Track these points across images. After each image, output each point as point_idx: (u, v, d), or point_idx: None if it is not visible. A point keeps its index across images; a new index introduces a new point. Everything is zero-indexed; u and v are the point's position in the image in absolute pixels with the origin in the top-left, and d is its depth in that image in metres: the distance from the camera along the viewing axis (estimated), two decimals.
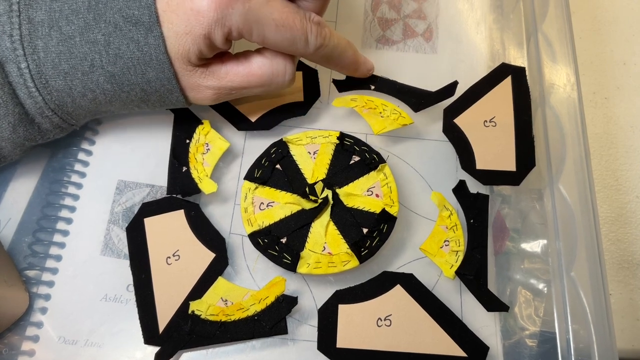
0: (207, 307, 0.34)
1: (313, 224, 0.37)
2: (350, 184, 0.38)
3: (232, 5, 0.31)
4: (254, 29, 0.32)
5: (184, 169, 0.38)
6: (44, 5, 0.31)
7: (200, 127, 0.39)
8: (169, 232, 0.37)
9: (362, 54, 0.40)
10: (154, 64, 0.32)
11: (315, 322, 0.35)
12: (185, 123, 0.40)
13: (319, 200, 0.37)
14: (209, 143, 0.39)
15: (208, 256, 0.36)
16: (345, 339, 0.34)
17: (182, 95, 0.34)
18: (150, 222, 0.37)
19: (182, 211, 0.37)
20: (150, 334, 0.34)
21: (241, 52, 0.35)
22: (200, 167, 0.38)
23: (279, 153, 0.39)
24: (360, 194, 0.37)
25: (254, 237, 0.36)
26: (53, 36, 0.31)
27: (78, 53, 0.31)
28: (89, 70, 0.32)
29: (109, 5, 0.31)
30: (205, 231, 0.37)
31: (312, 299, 0.36)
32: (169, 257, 0.36)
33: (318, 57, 0.36)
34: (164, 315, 0.34)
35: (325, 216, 0.37)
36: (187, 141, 0.39)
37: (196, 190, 0.37)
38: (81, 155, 0.40)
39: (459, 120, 0.40)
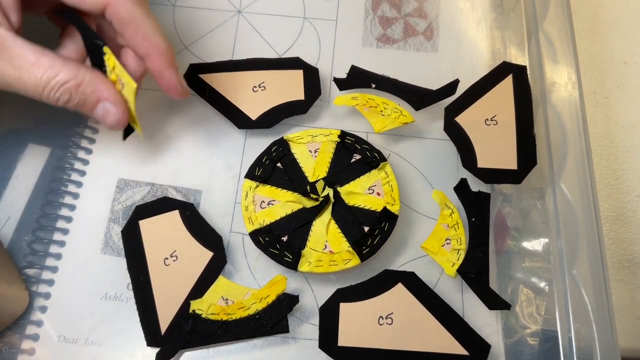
0: (208, 307, 0.34)
1: (314, 223, 0.37)
2: (352, 183, 0.38)
3: None
4: None
5: None
6: None
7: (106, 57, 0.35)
8: (164, 233, 0.36)
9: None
10: None
11: (316, 320, 0.35)
12: None
13: (320, 199, 0.37)
14: (121, 78, 0.35)
15: (206, 255, 0.36)
16: (346, 338, 0.34)
17: None
18: (145, 224, 0.37)
19: (176, 211, 0.37)
20: (152, 336, 0.34)
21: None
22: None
23: (280, 151, 0.39)
24: (361, 193, 0.37)
25: (254, 235, 0.36)
26: None
27: None
28: None
29: None
30: (202, 230, 0.37)
31: (313, 297, 0.36)
32: (167, 258, 0.36)
33: (118, 14, 0.33)
34: (165, 317, 0.34)
35: (327, 214, 0.37)
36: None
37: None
38: (81, 154, 0.40)
39: (460, 119, 0.40)
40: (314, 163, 0.38)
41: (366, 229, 0.36)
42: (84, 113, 0.34)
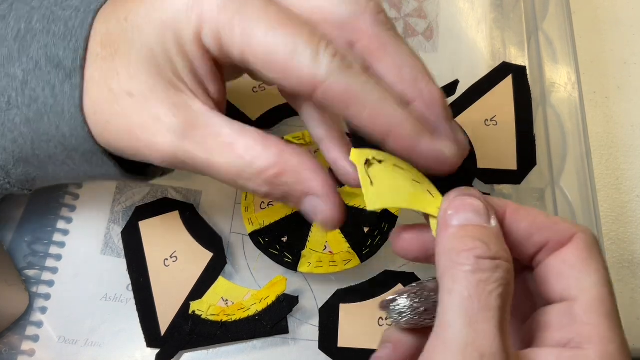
0: (207, 307, 0.34)
1: (314, 223, 0.37)
2: None
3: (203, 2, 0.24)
4: (236, 24, 0.23)
5: None
6: None
7: None
8: (164, 234, 0.36)
9: None
10: (66, 117, 0.26)
11: (316, 321, 0.35)
12: None
13: None
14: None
15: (206, 256, 0.36)
16: (346, 338, 0.34)
17: (112, 160, 0.28)
18: (145, 225, 0.37)
19: (176, 212, 0.37)
20: (152, 337, 0.34)
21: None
22: None
23: None
24: (361, 193, 0.37)
25: (254, 236, 0.36)
26: None
27: None
28: (5, 107, 0.27)
29: (37, 38, 0.26)
30: (202, 231, 0.37)
31: (313, 298, 0.36)
32: (167, 259, 0.36)
33: (332, 94, 0.23)
34: (165, 318, 0.34)
35: None
36: None
37: None
38: None
39: (460, 119, 0.40)
40: None
41: (366, 229, 0.36)
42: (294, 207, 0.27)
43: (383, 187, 0.25)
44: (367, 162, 0.25)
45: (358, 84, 0.24)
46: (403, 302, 0.24)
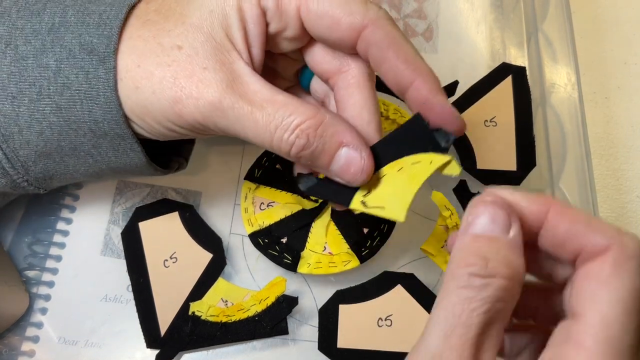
0: (207, 308, 0.34)
1: (314, 224, 0.37)
2: None
3: None
4: None
5: None
6: (8, 21, 0.28)
7: None
8: (164, 235, 0.36)
9: None
10: (101, 100, 0.27)
11: (316, 322, 0.35)
12: None
13: (320, 200, 0.37)
14: None
15: (205, 257, 0.36)
16: (346, 339, 0.34)
17: (139, 145, 0.29)
18: (145, 226, 0.37)
19: (176, 213, 0.37)
20: (152, 338, 0.34)
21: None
22: None
23: None
24: None
25: (254, 237, 0.36)
26: (8, 54, 0.28)
27: (28, 77, 0.28)
28: (36, 97, 0.28)
29: (71, 29, 0.28)
30: (201, 232, 0.37)
31: (312, 299, 0.36)
32: (167, 260, 0.36)
33: (377, 35, 0.27)
34: (165, 319, 0.34)
35: (326, 216, 0.37)
36: None
37: None
38: None
39: None
40: None
41: (365, 230, 0.36)
42: (317, 166, 0.28)
43: (391, 200, 0.26)
44: (363, 203, 0.28)
45: (398, 32, 0.28)
46: None
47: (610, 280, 0.20)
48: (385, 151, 0.28)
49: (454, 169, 0.27)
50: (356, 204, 0.28)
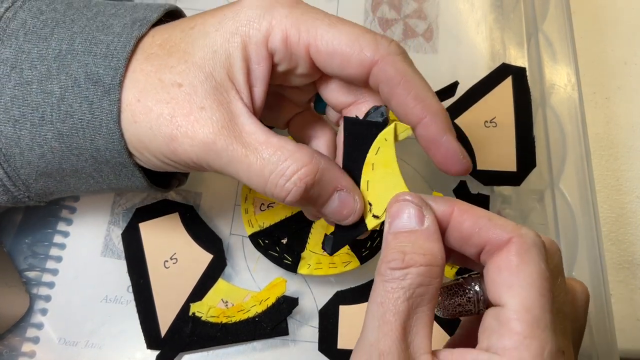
0: (207, 309, 0.34)
1: (314, 225, 0.37)
2: None
3: (274, 6, 0.27)
4: (302, 25, 0.27)
5: None
6: (15, 44, 0.28)
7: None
8: (165, 236, 0.37)
9: None
10: (103, 131, 0.27)
11: (316, 323, 0.35)
12: None
13: None
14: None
15: (206, 258, 0.36)
16: (346, 340, 0.34)
17: (141, 172, 0.30)
18: (145, 227, 0.37)
19: (176, 214, 0.37)
20: (152, 338, 0.34)
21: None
22: None
23: None
24: None
25: (254, 238, 0.36)
26: (12, 77, 0.28)
27: (31, 101, 0.28)
28: (38, 122, 0.28)
29: (78, 57, 0.28)
30: (202, 233, 0.37)
31: (313, 299, 0.36)
32: (167, 261, 0.36)
33: (388, 71, 0.27)
34: (165, 319, 0.34)
35: None
36: None
37: None
38: None
39: (460, 121, 0.40)
40: None
41: None
42: (308, 207, 0.29)
43: (390, 194, 0.27)
44: (375, 217, 0.28)
45: (410, 68, 0.28)
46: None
47: (520, 269, 0.23)
48: (353, 164, 0.28)
49: (403, 128, 0.28)
50: (371, 223, 0.28)
